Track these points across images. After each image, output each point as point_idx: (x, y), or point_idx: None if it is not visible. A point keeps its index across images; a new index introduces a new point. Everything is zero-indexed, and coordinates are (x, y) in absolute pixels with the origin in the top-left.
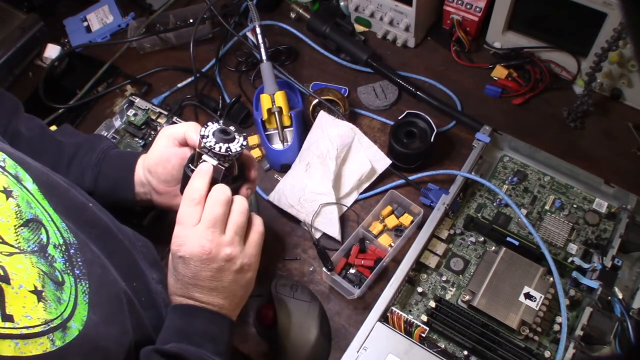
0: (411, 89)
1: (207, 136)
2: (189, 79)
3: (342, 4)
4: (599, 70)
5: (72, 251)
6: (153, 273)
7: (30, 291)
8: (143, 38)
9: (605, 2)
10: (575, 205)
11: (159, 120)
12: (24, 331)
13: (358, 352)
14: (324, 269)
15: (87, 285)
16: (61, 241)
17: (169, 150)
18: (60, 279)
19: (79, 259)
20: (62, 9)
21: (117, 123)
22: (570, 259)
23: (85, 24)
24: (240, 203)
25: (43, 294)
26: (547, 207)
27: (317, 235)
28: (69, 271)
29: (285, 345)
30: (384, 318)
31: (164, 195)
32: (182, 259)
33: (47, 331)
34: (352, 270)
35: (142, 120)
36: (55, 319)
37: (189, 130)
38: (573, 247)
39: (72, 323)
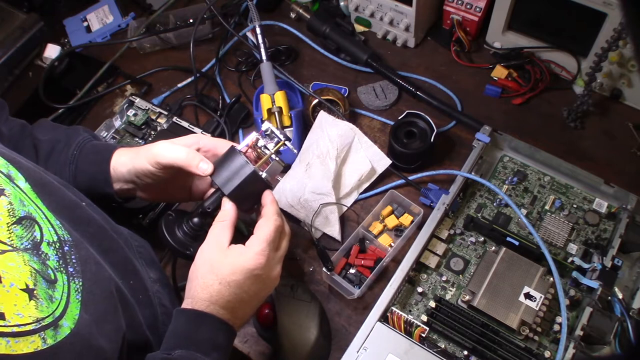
0: (411, 89)
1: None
2: (189, 79)
3: (342, 4)
4: (599, 70)
5: (66, 248)
6: (150, 272)
7: (21, 289)
8: (143, 38)
9: (605, 2)
10: (575, 205)
11: (159, 120)
12: (15, 329)
13: (358, 352)
14: (324, 269)
15: (81, 283)
16: (55, 238)
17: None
18: (53, 277)
19: (73, 257)
20: (62, 9)
21: (117, 123)
22: (570, 259)
23: (85, 24)
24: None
25: (35, 292)
26: (547, 207)
27: (317, 235)
28: (62, 269)
29: (285, 345)
30: (384, 318)
31: (148, 191)
32: (255, 277)
33: (38, 329)
34: (352, 270)
35: (142, 120)
36: (46, 317)
37: (195, 166)
38: (573, 247)
39: (64, 321)
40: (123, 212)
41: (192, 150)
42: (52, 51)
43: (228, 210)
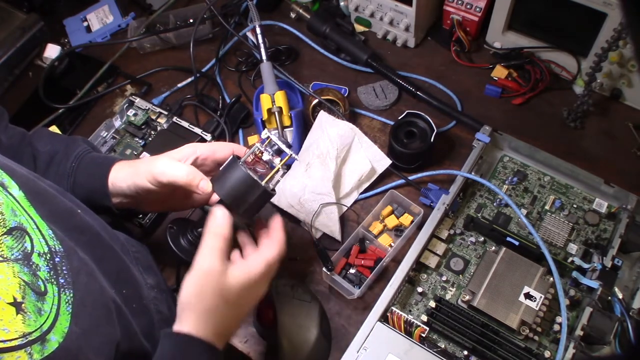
0: (411, 89)
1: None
2: (189, 79)
3: (342, 4)
4: (599, 70)
5: (57, 259)
6: (147, 278)
7: (8, 303)
8: (143, 38)
9: (605, 2)
10: (575, 205)
11: (159, 120)
12: (0, 345)
13: (358, 352)
14: (324, 269)
15: (72, 295)
16: (46, 249)
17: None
18: (43, 289)
19: (64, 268)
20: (62, 9)
21: (117, 123)
22: (570, 259)
23: (85, 24)
24: None
25: (23, 305)
26: (547, 207)
27: (317, 235)
28: (53, 280)
29: (285, 345)
30: (384, 318)
31: (148, 205)
32: (253, 295)
33: (24, 344)
34: (352, 270)
35: (142, 120)
36: (34, 331)
37: (196, 185)
38: (573, 247)
39: (52, 335)
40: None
41: (192, 169)
42: (52, 51)
43: (227, 224)
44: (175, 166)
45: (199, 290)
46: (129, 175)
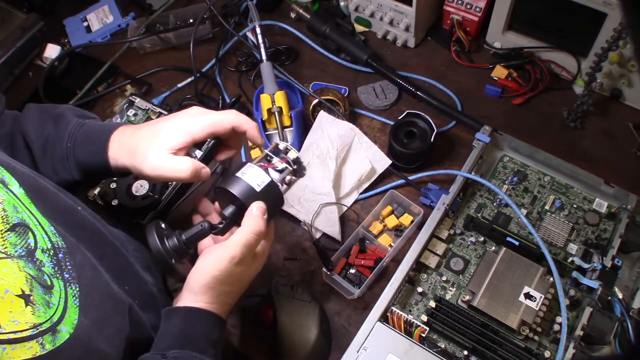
0: (411, 89)
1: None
2: (189, 79)
3: (342, 4)
4: (599, 70)
5: (60, 255)
6: (147, 276)
7: (17, 295)
8: (143, 38)
9: (605, 2)
10: (575, 205)
11: None
12: (11, 336)
13: (358, 352)
14: (324, 269)
15: (77, 289)
16: (49, 245)
17: None
18: (49, 283)
19: (68, 263)
20: (62, 9)
21: None
22: (570, 259)
23: (85, 24)
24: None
25: (31, 297)
26: (547, 207)
27: (317, 235)
28: (58, 275)
29: (285, 345)
30: (384, 318)
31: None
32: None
33: (35, 335)
34: (352, 270)
35: (142, 120)
36: (44, 322)
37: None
38: (573, 247)
39: (63, 326)
40: (123, 212)
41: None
42: (52, 51)
43: (263, 220)
44: (176, 163)
45: (223, 277)
46: (125, 159)
